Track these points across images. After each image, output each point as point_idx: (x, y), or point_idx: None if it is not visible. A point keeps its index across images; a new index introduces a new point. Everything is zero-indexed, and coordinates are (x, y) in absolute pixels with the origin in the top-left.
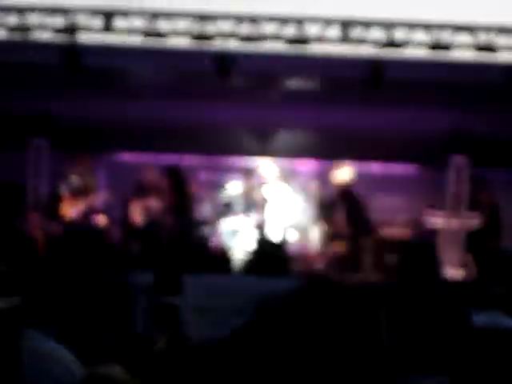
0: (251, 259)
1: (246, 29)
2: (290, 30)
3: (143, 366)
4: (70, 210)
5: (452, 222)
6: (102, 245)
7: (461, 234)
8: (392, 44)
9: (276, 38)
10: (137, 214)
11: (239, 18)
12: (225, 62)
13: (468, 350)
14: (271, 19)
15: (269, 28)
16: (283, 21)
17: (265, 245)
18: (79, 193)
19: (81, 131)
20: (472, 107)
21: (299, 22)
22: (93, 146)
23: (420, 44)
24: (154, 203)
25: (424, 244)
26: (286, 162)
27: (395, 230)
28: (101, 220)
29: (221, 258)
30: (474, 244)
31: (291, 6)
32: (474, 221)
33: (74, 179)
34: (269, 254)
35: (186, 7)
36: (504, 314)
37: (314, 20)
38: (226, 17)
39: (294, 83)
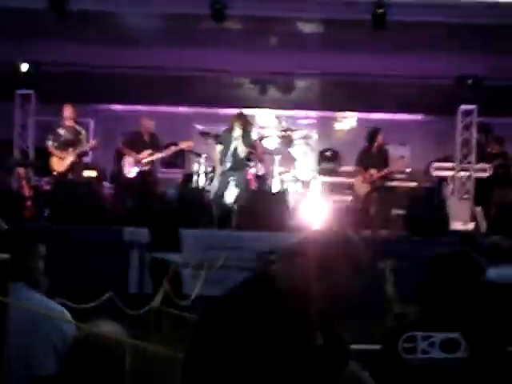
0: (250, 212)
1: None
2: None
3: (136, 324)
4: (58, 164)
5: (461, 173)
6: (94, 200)
7: (470, 185)
8: None
9: None
10: (130, 167)
11: None
12: (220, 5)
13: (480, 305)
14: None
15: None
16: None
17: (265, 197)
18: (67, 146)
19: (69, 81)
20: (480, 51)
21: None
22: (82, 96)
23: None
24: (148, 155)
25: (432, 196)
26: (286, 113)
27: (402, 181)
28: (91, 174)
29: (218, 211)
30: (484, 195)
31: None
32: (483, 172)
33: (61, 132)
34: (268, 207)
35: None
36: None
37: None
38: None
39: (292, 27)
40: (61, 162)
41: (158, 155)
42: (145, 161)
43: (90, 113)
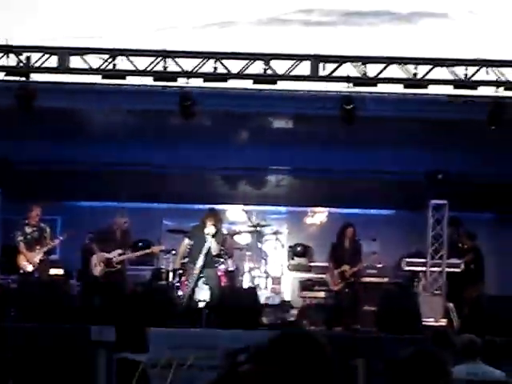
0: (221, 310)
1: (210, 67)
2: (257, 68)
3: None
4: (25, 263)
5: (433, 269)
6: (61, 298)
7: (442, 281)
8: (365, 80)
9: (242, 76)
10: (99, 265)
11: (203, 56)
12: (189, 101)
13: None
14: (237, 57)
15: (235, 66)
16: (250, 58)
17: (236, 294)
18: (34, 244)
19: (35, 178)
20: (450, 147)
21: (266, 59)
22: (49, 193)
23: (394, 80)
24: (118, 255)
25: (403, 292)
26: (256, 208)
27: (374, 277)
28: (58, 271)
29: (188, 309)
30: (457, 291)
31: (257, 44)
32: (455, 267)
33: (28, 230)
34: (240, 304)
35: (146, 45)
36: (485, 363)
37: (282, 57)
38: (189, 54)
39: (261, 122)
40: (29, 261)
41: (129, 255)
42: (115, 261)
43: (57, 210)
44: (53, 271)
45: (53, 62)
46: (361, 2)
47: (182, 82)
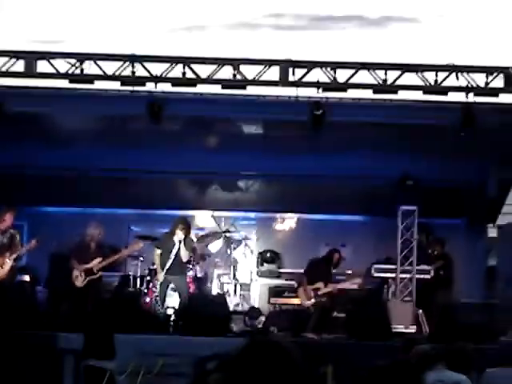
0: (190, 317)
1: (178, 71)
2: (226, 73)
3: None
4: None
5: (402, 275)
6: (27, 304)
7: (412, 287)
8: (334, 86)
9: (211, 81)
10: (80, 276)
11: (171, 61)
12: (157, 106)
13: None
14: (206, 61)
15: (203, 70)
16: (219, 63)
17: (204, 301)
18: (5, 250)
19: (2, 183)
20: (419, 152)
21: (236, 64)
22: (16, 198)
23: (364, 85)
24: (100, 264)
25: (373, 298)
26: (225, 214)
27: (344, 283)
28: (25, 277)
29: (155, 315)
30: (426, 298)
31: (227, 49)
32: (425, 273)
33: None
34: (207, 310)
35: (113, 49)
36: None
37: (251, 62)
38: (157, 58)
39: (230, 127)
40: (0, 267)
41: (108, 261)
42: (96, 269)
43: (24, 216)
44: (20, 277)
45: (19, 66)
46: (332, 6)
47: (150, 86)
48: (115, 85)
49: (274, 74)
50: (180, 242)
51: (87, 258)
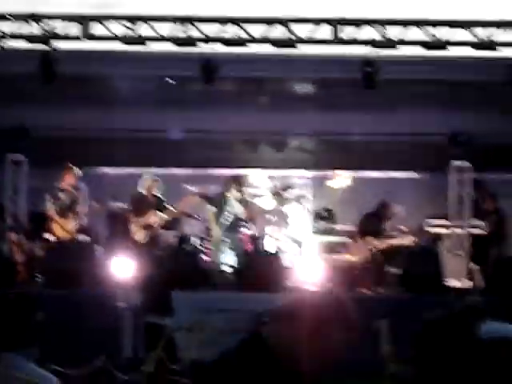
0: (245, 274)
1: (231, 32)
2: (278, 32)
3: None
4: (60, 230)
5: (456, 230)
6: (88, 264)
7: (465, 242)
8: (385, 43)
9: (263, 40)
10: (138, 231)
11: (223, 21)
12: (210, 67)
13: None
14: (257, 21)
15: (255, 30)
16: (270, 22)
17: (261, 259)
18: (68, 210)
19: (59, 145)
20: (471, 108)
21: (286, 23)
22: (73, 160)
23: (415, 42)
24: (155, 219)
25: (427, 253)
26: (280, 171)
27: (398, 239)
28: (85, 237)
29: (212, 273)
30: (480, 253)
31: (277, 8)
32: (478, 228)
33: (62, 196)
34: (263, 268)
35: (166, 11)
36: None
37: (301, 21)
38: (209, 20)
39: (283, 87)
40: (63, 228)
41: (166, 214)
42: (155, 225)
43: (85, 177)
44: (80, 237)
45: (74, 29)
46: None
47: (202, 47)
48: (168, 46)
49: (325, 32)
50: (234, 200)
51: (145, 209)
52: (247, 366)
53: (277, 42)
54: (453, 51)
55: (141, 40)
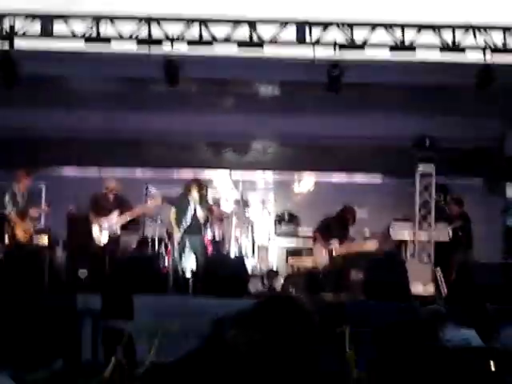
0: (206, 277)
1: (195, 32)
2: (243, 33)
3: None
4: (19, 232)
5: (420, 235)
6: (48, 267)
7: (430, 247)
8: (351, 45)
9: (227, 41)
10: (98, 232)
11: (188, 21)
12: (173, 68)
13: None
14: (222, 21)
15: (220, 31)
16: (235, 23)
17: (223, 262)
18: (26, 212)
19: (16, 146)
20: (435, 112)
21: (252, 23)
22: (34, 161)
23: (381, 45)
24: (117, 219)
25: (391, 259)
26: (242, 174)
27: (361, 244)
28: (43, 239)
29: (173, 276)
30: (444, 258)
31: (243, 8)
32: (443, 234)
33: (20, 199)
34: (225, 272)
35: (130, 10)
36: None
37: (267, 22)
38: (173, 19)
39: (247, 89)
40: (22, 230)
41: (127, 215)
42: (117, 224)
43: (42, 177)
44: (37, 239)
45: (36, 27)
46: None
47: (166, 49)
48: (131, 46)
49: (290, 33)
50: (195, 202)
51: (106, 210)
52: (207, 370)
53: (242, 43)
54: (419, 54)
55: (103, 39)
